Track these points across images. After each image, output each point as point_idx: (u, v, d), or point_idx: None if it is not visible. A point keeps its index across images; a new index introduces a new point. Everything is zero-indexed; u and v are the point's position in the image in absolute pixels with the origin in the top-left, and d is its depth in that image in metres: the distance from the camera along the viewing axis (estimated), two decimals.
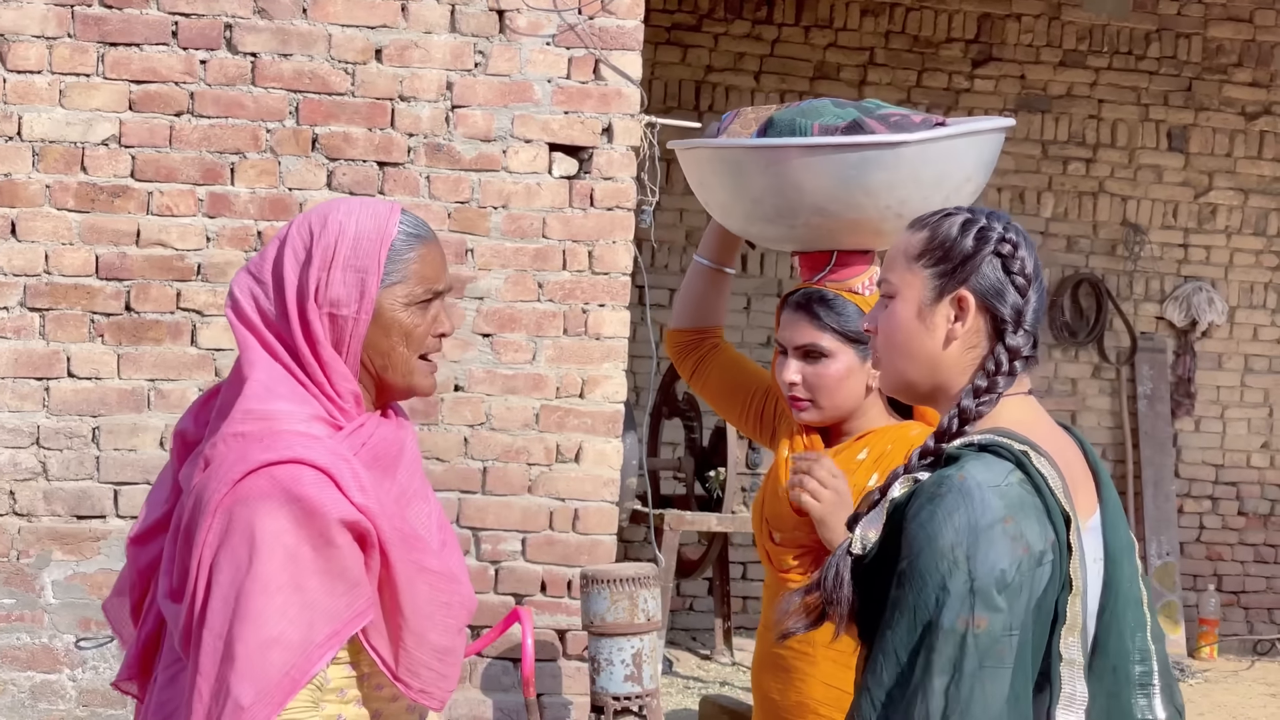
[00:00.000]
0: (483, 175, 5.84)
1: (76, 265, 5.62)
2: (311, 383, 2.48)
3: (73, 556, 5.62)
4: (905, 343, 2.43)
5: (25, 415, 5.59)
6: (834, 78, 9.61)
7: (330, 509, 2.36)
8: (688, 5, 9.45)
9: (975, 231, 2.41)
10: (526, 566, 5.90)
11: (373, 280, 2.50)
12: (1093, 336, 10.08)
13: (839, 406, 3.34)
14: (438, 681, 2.51)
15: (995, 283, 2.39)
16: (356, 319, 2.50)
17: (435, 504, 2.64)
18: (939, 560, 2.18)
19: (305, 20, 5.73)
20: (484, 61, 5.84)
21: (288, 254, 2.50)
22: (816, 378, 3.32)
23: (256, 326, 2.50)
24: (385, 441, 2.54)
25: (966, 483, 2.22)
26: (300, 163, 5.74)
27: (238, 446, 2.41)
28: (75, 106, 5.60)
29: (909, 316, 2.42)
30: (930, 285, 2.41)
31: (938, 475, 2.26)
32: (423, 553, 2.49)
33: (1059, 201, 10.05)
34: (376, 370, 2.55)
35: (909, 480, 2.32)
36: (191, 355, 5.70)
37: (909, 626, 2.20)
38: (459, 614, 2.55)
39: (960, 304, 2.39)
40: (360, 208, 2.55)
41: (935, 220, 2.46)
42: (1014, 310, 2.39)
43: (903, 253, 2.45)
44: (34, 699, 5.58)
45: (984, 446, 2.28)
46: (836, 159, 3.24)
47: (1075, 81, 10.00)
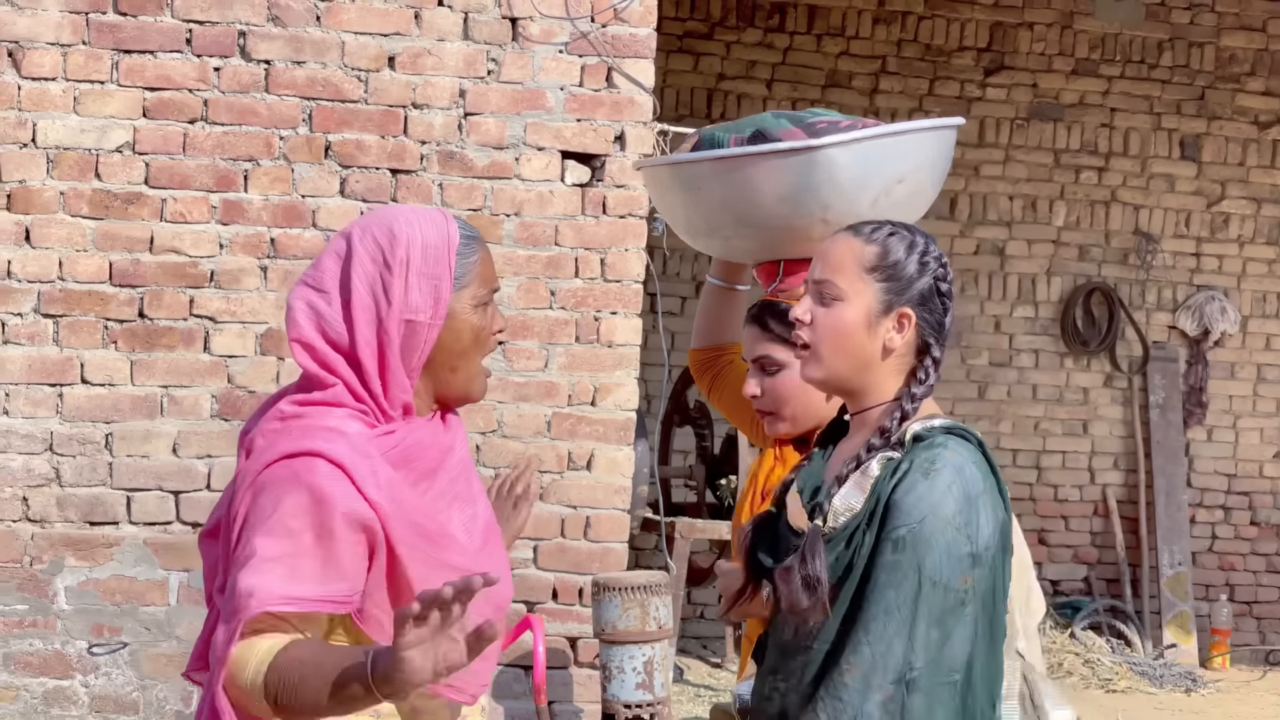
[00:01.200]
0: (495, 183, 5.85)
1: (90, 272, 5.63)
2: (367, 393, 2.55)
3: (85, 563, 5.62)
4: (848, 345, 2.69)
5: (39, 421, 5.60)
6: (846, 86, 9.61)
7: (338, 501, 2.43)
8: (700, 13, 9.46)
9: (919, 254, 2.70)
10: (538, 574, 5.90)
11: (446, 286, 2.57)
12: (1105, 345, 10.07)
13: (802, 416, 3.37)
14: (464, 677, 2.52)
15: (932, 304, 2.70)
16: (431, 324, 2.56)
17: (484, 508, 2.69)
18: (944, 527, 2.50)
19: (319, 28, 5.74)
20: (497, 69, 5.85)
21: (356, 265, 2.55)
22: (774, 389, 3.36)
23: (312, 339, 2.55)
24: (421, 445, 2.59)
25: (956, 459, 2.56)
26: (313, 170, 5.75)
27: (270, 438, 2.54)
28: (89, 113, 5.62)
29: (857, 322, 2.68)
30: (880, 299, 2.68)
31: (928, 454, 2.57)
32: (447, 549, 2.53)
33: (1071, 210, 10.05)
34: (445, 374, 2.62)
35: (884, 459, 2.61)
36: (204, 362, 5.70)
37: (911, 585, 2.50)
38: (486, 610, 2.53)
39: (903, 320, 2.67)
40: (417, 216, 2.62)
41: (882, 236, 2.71)
42: (940, 328, 2.70)
43: (855, 260, 2.69)
44: (46, 705, 5.59)
45: (949, 430, 2.62)
46: (743, 170, 3.27)
47: (1088, 90, 9.99)
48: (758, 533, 2.84)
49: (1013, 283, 9.97)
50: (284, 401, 2.58)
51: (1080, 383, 10.12)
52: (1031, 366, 10.03)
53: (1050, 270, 10.01)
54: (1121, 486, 10.11)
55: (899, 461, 2.59)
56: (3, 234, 5.57)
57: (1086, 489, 10.09)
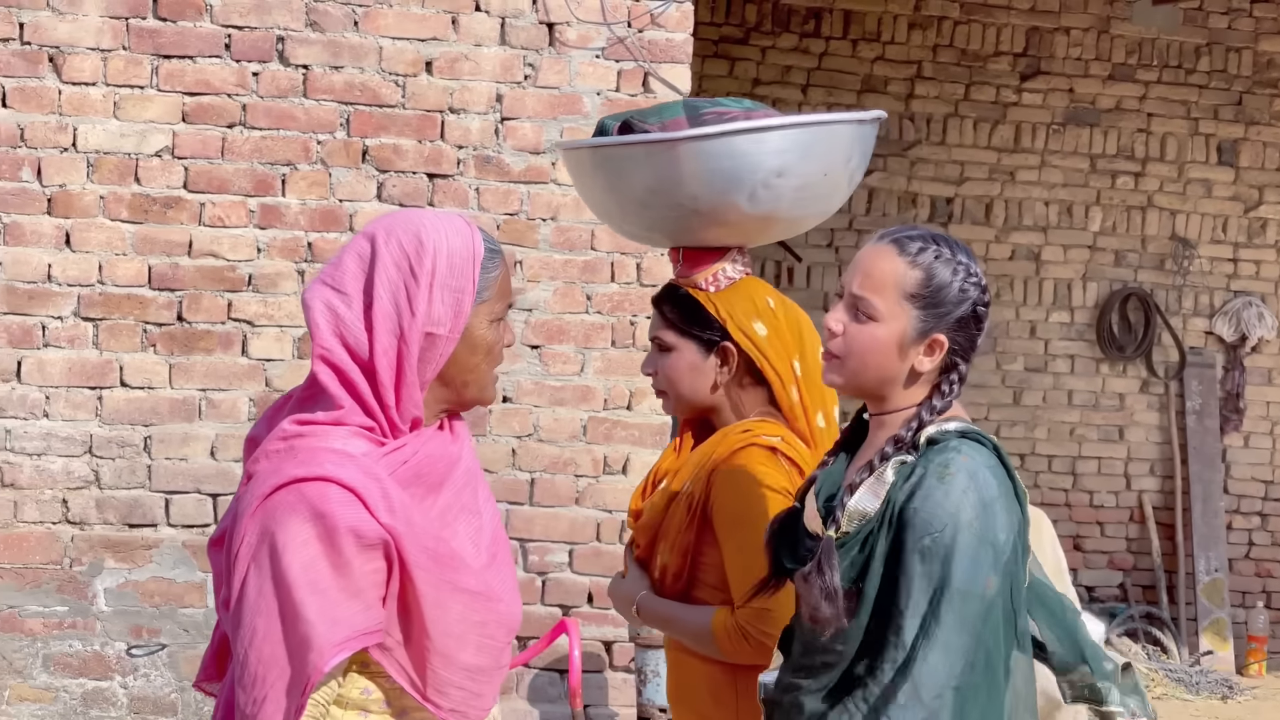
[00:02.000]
0: (532, 187, 5.87)
1: (130, 275, 5.66)
2: (377, 402, 2.49)
3: (124, 564, 5.66)
4: (878, 362, 2.68)
5: (78, 424, 5.63)
6: (881, 91, 9.60)
7: (353, 527, 2.39)
8: (735, 18, 9.46)
9: (961, 280, 2.67)
10: (574, 578, 5.92)
11: (468, 300, 2.53)
12: (1141, 351, 10.03)
13: (687, 398, 3.38)
14: (470, 700, 2.53)
15: (966, 331, 2.69)
16: (449, 338, 2.52)
17: (489, 518, 2.65)
18: (966, 535, 2.49)
19: (356, 33, 5.77)
20: (533, 74, 5.87)
21: (380, 270, 2.49)
22: (664, 370, 3.38)
23: (327, 341, 2.50)
24: (431, 459, 2.55)
25: (970, 463, 2.55)
26: (351, 174, 5.77)
27: (275, 461, 2.47)
28: (129, 118, 5.65)
29: (889, 344, 2.67)
30: (916, 326, 2.66)
31: (941, 458, 2.57)
32: (457, 571, 2.50)
33: (1107, 215, 10.01)
34: (457, 386, 2.58)
35: (897, 463, 2.58)
36: (242, 365, 5.73)
37: (943, 596, 2.49)
38: (496, 633, 2.56)
39: (935, 347, 2.67)
40: (445, 224, 2.56)
41: (928, 260, 2.67)
42: (971, 348, 2.70)
43: (895, 284, 2.66)
44: (86, 706, 5.62)
45: (963, 434, 2.62)
46: (616, 160, 3.29)
47: (1124, 95, 9.96)
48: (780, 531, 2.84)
49: (1048, 288, 9.94)
50: (287, 420, 2.52)
51: (1116, 388, 10.08)
52: (1067, 372, 10.00)
53: (1086, 276, 9.98)
54: (1158, 493, 10.07)
55: (912, 466, 2.60)
56: (43, 237, 5.60)
57: (1122, 495, 10.06)
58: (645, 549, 3.39)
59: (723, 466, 3.24)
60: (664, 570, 3.32)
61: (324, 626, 2.35)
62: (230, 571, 2.44)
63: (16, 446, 5.59)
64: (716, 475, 3.24)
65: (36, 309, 5.61)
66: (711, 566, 3.27)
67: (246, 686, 2.37)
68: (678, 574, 3.30)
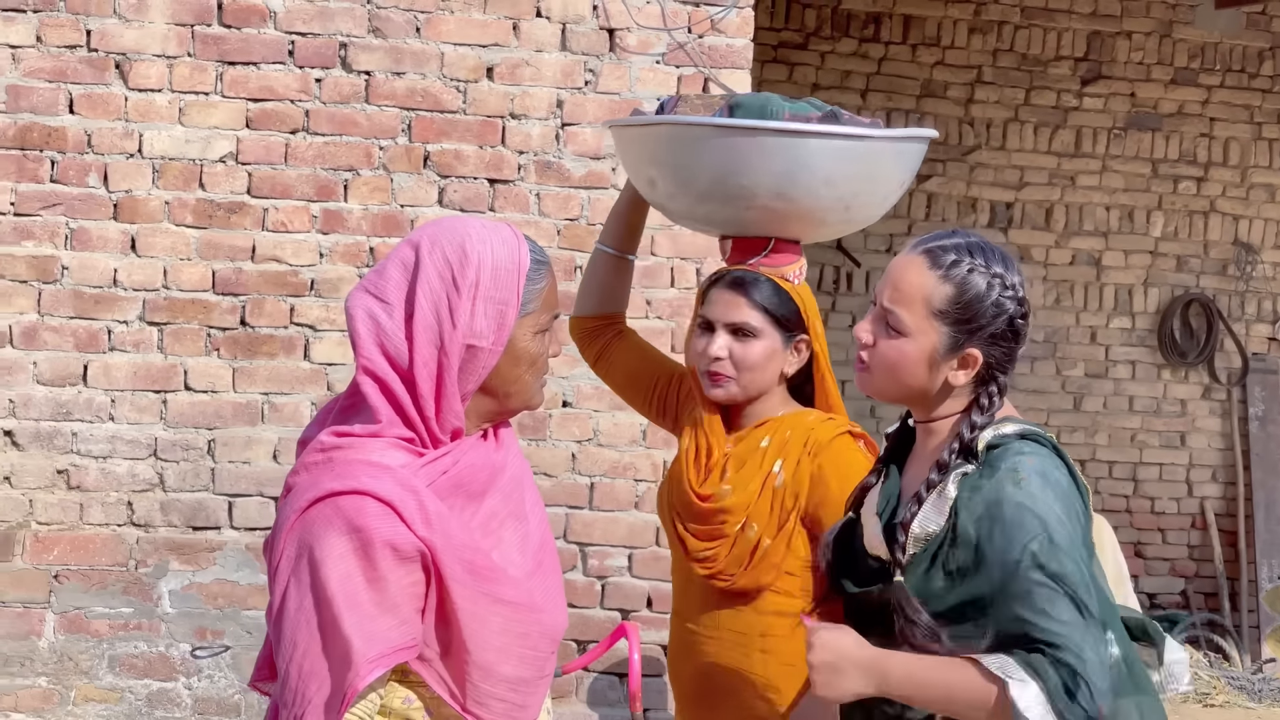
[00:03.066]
0: (592, 193, 5.89)
1: (194, 280, 5.71)
2: (417, 413, 2.48)
3: (189, 566, 5.70)
4: (907, 378, 2.63)
5: (143, 427, 5.69)
6: (941, 95, 9.58)
7: (389, 541, 2.38)
8: (794, 23, 9.47)
9: (997, 293, 2.58)
10: (633, 582, 5.93)
11: (512, 313, 2.52)
12: (1203, 357, 9.97)
13: (755, 385, 3.43)
14: (512, 712, 2.52)
15: (1004, 341, 2.61)
16: (492, 351, 2.51)
17: (536, 524, 2.65)
18: (1061, 532, 2.43)
19: (418, 39, 5.80)
20: (594, 80, 5.89)
21: (422, 280, 2.48)
22: (743, 355, 3.40)
23: (369, 350, 2.49)
24: (472, 468, 2.54)
25: (1037, 463, 2.50)
26: (412, 180, 5.81)
27: (313, 474, 2.47)
28: (194, 124, 5.70)
29: (918, 360, 2.61)
30: (946, 341, 2.59)
31: (1010, 464, 2.51)
32: (497, 583, 2.49)
33: (1169, 220, 9.96)
34: (500, 396, 2.57)
35: (958, 476, 2.54)
36: (304, 369, 5.77)
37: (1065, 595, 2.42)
38: (539, 643, 2.55)
39: (968, 362, 2.60)
40: (490, 234, 2.54)
41: (961, 273, 2.59)
42: (1009, 360, 2.63)
43: (924, 299, 2.60)
44: (150, 707, 5.67)
45: (1022, 435, 2.57)
46: (811, 145, 3.32)
47: (1186, 100, 9.90)
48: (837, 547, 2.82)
49: (1109, 294, 9.90)
50: (325, 432, 2.52)
51: (1178, 394, 10.02)
52: (1128, 378, 9.95)
53: (1147, 281, 9.93)
54: (1220, 499, 10.00)
55: (977, 475, 2.54)
56: (109, 243, 5.66)
57: (1184, 502, 9.99)
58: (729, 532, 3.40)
59: (828, 460, 3.32)
60: (756, 549, 3.34)
61: (360, 642, 2.35)
62: (270, 584, 2.45)
63: (83, 449, 5.65)
64: (825, 468, 3.31)
65: (102, 313, 5.67)
66: (793, 553, 3.34)
67: (287, 702, 2.39)
68: (769, 555, 3.34)
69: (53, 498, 5.64)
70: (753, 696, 3.37)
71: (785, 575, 3.34)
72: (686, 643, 3.49)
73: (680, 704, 3.58)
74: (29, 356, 5.63)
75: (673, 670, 3.58)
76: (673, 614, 3.60)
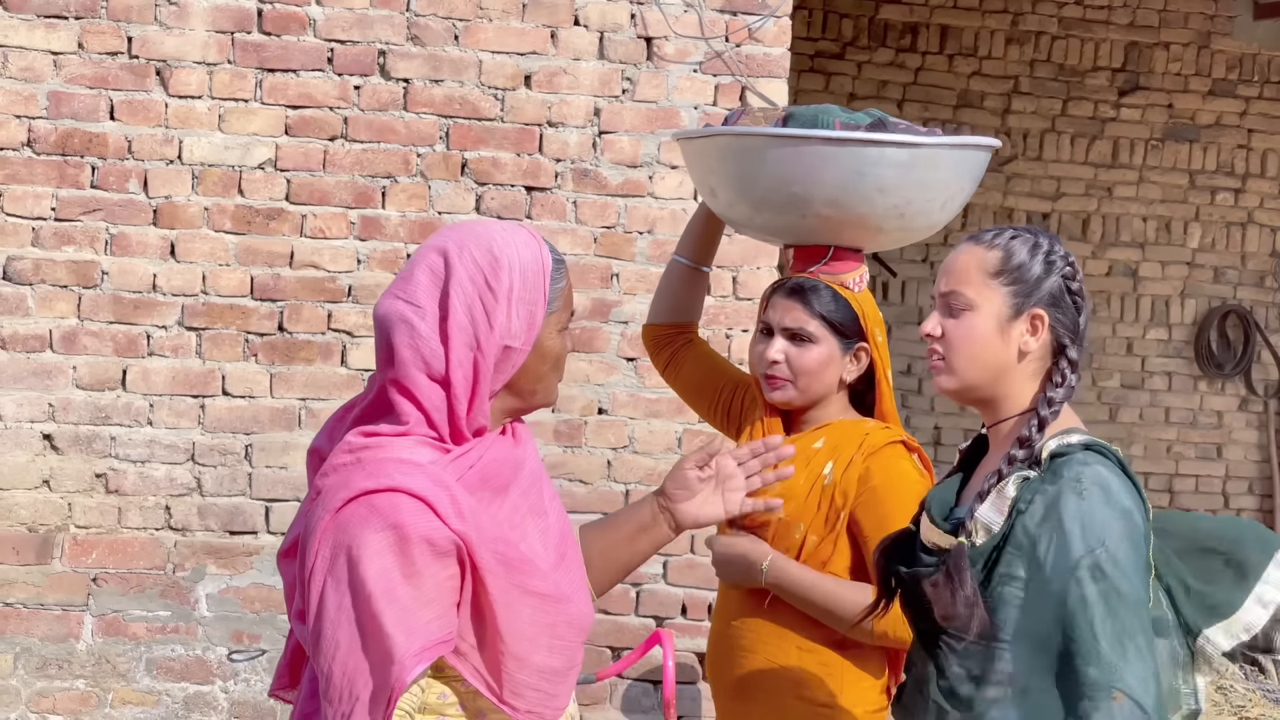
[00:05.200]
0: (629, 200, 5.90)
1: (232, 286, 5.74)
2: (448, 413, 2.52)
3: (226, 570, 5.73)
4: (981, 353, 2.67)
5: (181, 432, 5.72)
6: (978, 106, 9.58)
7: (425, 536, 2.41)
8: (831, 33, 9.47)
9: (1044, 255, 2.67)
10: (668, 589, 5.93)
11: (540, 312, 2.57)
12: (1240, 369, 9.93)
13: (813, 390, 3.49)
14: (545, 702, 2.55)
15: (1063, 303, 2.66)
16: (523, 350, 2.56)
17: (557, 518, 2.68)
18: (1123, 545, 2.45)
19: (457, 47, 5.83)
20: (631, 88, 5.90)
21: (455, 285, 2.51)
22: (799, 360, 3.47)
23: (403, 354, 2.53)
24: (497, 463, 2.57)
25: (1101, 475, 2.50)
26: (450, 187, 5.83)
27: (343, 474, 2.49)
28: (233, 131, 5.74)
29: (989, 329, 2.66)
30: (1009, 303, 2.65)
31: (1073, 473, 2.52)
32: (528, 575, 2.52)
33: (1206, 232, 9.93)
34: (525, 394, 2.62)
35: (1020, 479, 2.56)
36: (341, 375, 5.80)
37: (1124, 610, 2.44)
38: (566, 633, 2.57)
39: (1036, 321, 2.65)
40: (513, 236, 2.59)
41: (1004, 240, 2.70)
42: (1074, 326, 2.67)
43: (978, 268, 2.68)
44: (187, 710, 5.70)
45: (1087, 446, 2.57)
46: (858, 153, 3.38)
47: (1224, 111, 9.87)
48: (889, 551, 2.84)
49: (1146, 305, 9.87)
50: (352, 433, 2.54)
51: (1214, 406, 9.99)
52: (1164, 389, 9.92)
53: (1184, 292, 9.90)
54: (1256, 512, 9.96)
55: (1038, 482, 2.55)
56: (149, 248, 5.70)
57: (1220, 514, 9.95)
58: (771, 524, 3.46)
59: (877, 464, 3.38)
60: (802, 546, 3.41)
61: (402, 637, 2.38)
62: (306, 587, 2.46)
63: (121, 453, 5.69)
64: (873, 471, 3.37)
65: (141, 318, 5.70)
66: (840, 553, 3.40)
67: (333, 700, 2.40)
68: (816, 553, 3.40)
69: (91, 501, 5.68)
70: (790, 695, 3.41)
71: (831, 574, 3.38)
72: (727, 640, 3.54)
73: (719, 701, 3.63)
74: (69, 361, 5.67)
75: (712, 667, 3.63)
76: (715, 612, 3.66)
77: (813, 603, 3.37)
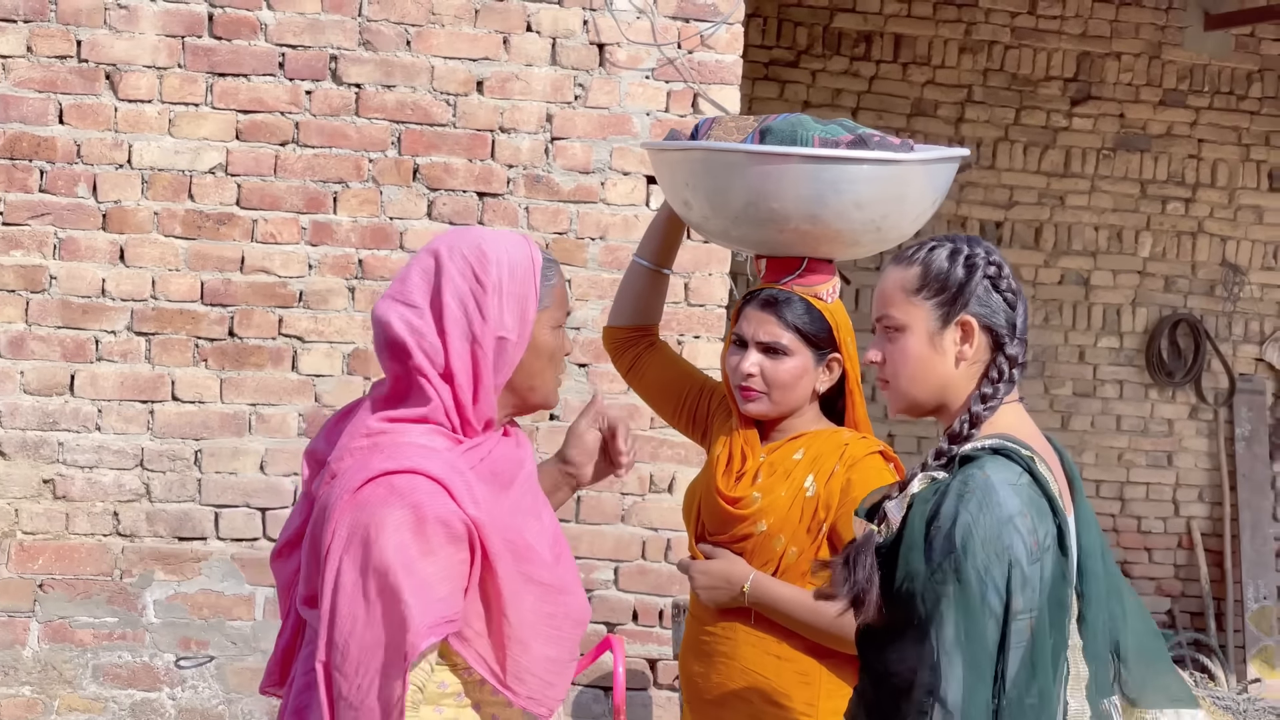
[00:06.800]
0: (581, 207, 5.90)
1: (182, 291, 5.72)
2: (455, 406, 2.60)
3: (174, 577, 5.71)
4: (919, 371, 2.71)
5: (130, 437, 5.69)
6: (931, 115, 9.61)
7: (441, 517, 2.48)
8: (786, 41, 9.49)
9: (964, 260, 2.70)
10: (619, 595, 5.93)
11: (531, 307, 2.66)
12: (1190, 377, 9.99)
13: (787, 402, 3.51)
14: (544, 689, 2.61)
15: (990, 304, 2.68)
16: (518, 344, 2.64)
17: (549, 522, 2.75)
18: (983, 553, 2.45)
19: (409, 52, 5.82)
20: (583, 94, 5.91)
21: (448, 282, 2.60)
22: (774, 372, 3.49)
23: (410, 350, 2.60)
24: (504, 459, 2.67)
25: (989, 481, 2.50)
26: (401, 192, 5.82)
27: (360, 457, 2.57)
28: (184, 135, 5.72)
29: (921, 345, 2.71)
30: (935, 315, 2.69)
31: (963, 475, 2.54)
32: (533, 564, 2.59)
33: (1157, 241, 9.98)
34: (524, 391, 2.71)
35: (927, 478, 2.60)
36: (292, 381, 5.78)
37: (969, 618, 2.45)
38: (565, 625, 2.64)
39: (965, 328, 2.69)
40: (502, 238, 2.68)
41: (921, 255, 2.74)
42: (1009, 324, 2.69)
43: (900, 287, 2.73)
44: (134, 716, 5.67)
45: (996, 450, 2.58)
46: (839, 170, 3.39)
47: (1175, 121, 9.94)
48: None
49: (1097, 313, 9.92)
50: (372, 418, 2.61)
51: (1165, 414, 10.04)
52: (1116, 397, 9.96)
53: (1135, 301, 9.95)
54: (1206, 519, 10.02)
55: (941, 482, 2.58)
56: (98, 253, 5.67)
57: (1170, 521, 10.01)
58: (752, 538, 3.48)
59: (858, 475, 3.40)
60: (782, 558, 3.43)
61: (419, 608, 2.44)
62: (323, 565, 2.52)
63: (69, 459, 5.66)
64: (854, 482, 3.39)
65: (90, 323, 5.67)
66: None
67: (349, 674, 2.46)
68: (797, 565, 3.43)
69: (39, 507, 5.64)
70: (764, 703, 3.42)
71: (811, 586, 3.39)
72: (702, 647, 3.55)
73: (693, 708, 3.62)
74: (16, 366, 5.63)
75: (686, 674, 3.63)
76: (689, 617, 3.66)
77: (797, 619, 3.39)
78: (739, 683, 3.47)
